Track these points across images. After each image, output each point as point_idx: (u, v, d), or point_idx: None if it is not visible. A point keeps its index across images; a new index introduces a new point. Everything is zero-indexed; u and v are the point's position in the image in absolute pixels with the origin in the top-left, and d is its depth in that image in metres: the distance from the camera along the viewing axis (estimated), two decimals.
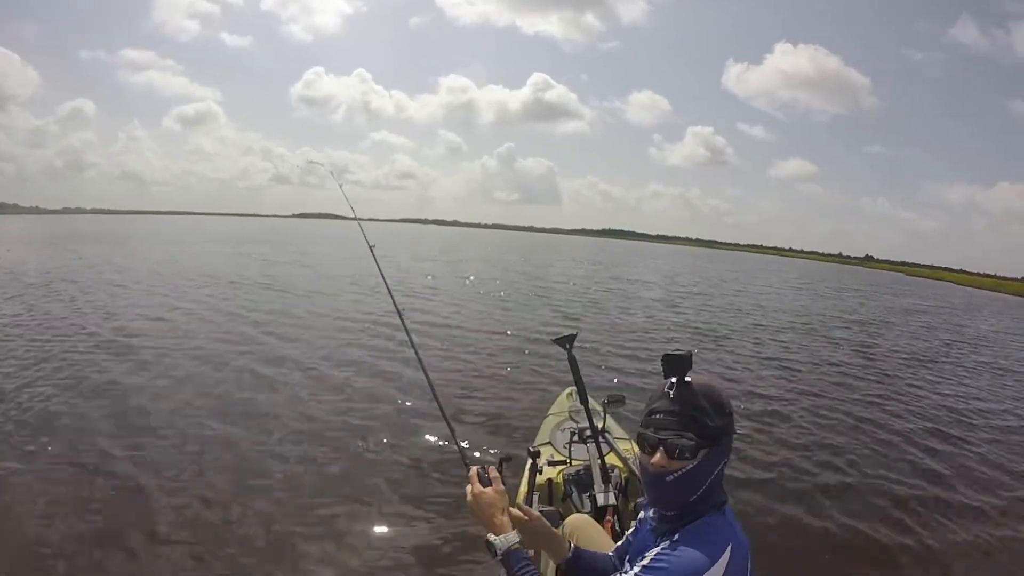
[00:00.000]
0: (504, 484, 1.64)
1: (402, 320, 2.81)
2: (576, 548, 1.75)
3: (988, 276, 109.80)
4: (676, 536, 1.32)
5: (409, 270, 22.83)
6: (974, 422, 7.28)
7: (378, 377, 7.06)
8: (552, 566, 1.91)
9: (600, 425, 3.05)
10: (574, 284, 21.35)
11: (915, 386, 8.96)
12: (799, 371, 9.27)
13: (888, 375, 9.65)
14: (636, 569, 1.30)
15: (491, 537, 1.51)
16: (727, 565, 1.25)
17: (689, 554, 1.26)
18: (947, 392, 8.76)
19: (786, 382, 8.41)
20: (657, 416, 1.37)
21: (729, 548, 1.26)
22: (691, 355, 1.45)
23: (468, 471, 1.67)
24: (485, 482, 1.63)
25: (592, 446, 2.86)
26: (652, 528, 1.47)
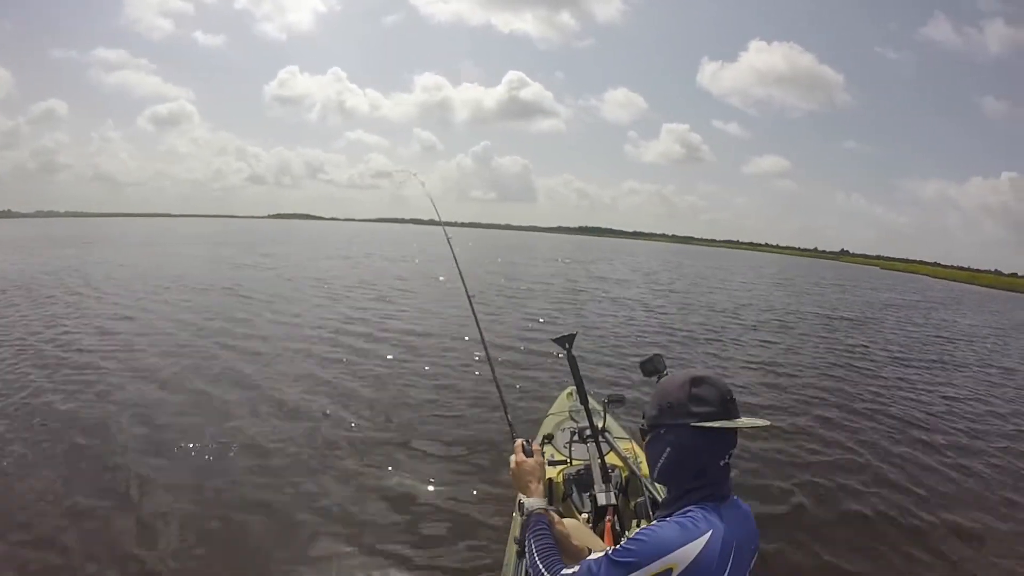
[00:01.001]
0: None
1: (473, 311, 3.43)
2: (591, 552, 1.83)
3: (962, 269, 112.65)
4: (662, 520, 1.45)
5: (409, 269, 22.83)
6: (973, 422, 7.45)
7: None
8: None
9: (600, 425, 3.07)
10: (557, 283, 21.47)
11: (919, 385, 9.15)
12: (791, 373, 9.22)
13: (881, 374, 9.77)
14: (618, 545, 1.41)
15: (522, 498, 1.84)
16: (702, 548, 1.32)
17: (663, 531, 1.37)
18: (946, 390, 9.01)
19: (778, 387, 8.32)
20: None
21: (708, 535, 1.33)
22: (652, 357, 2.07)
23: (514, 442, 2.02)
24: (528, 453, 1.97)
25: (592, 446, 2.88)
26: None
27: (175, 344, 8.60)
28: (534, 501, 1.82)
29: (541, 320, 12.22)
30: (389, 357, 8.26)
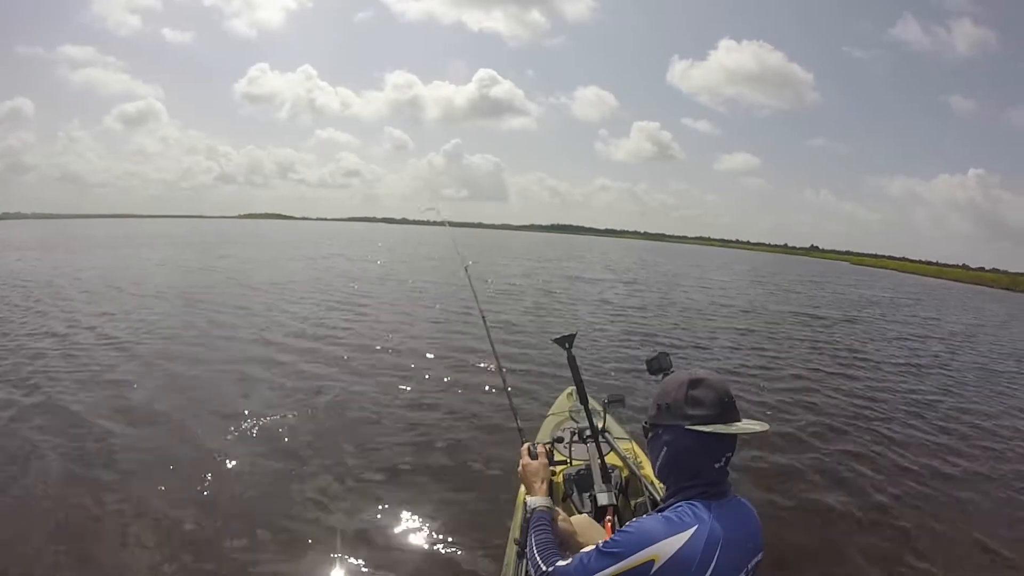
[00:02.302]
0: (550, 459, 2.19)
1: (486, 326, 3.43)
2: None
3: (930, 264, 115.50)
4: (652, 514, 1.51)
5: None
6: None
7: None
8: None
9: (600, 425, 3.13)
10: (532, 284, 21.18)
11: (913, 387, 9.12)
12: (776, 375, 9.09)
13: (873, 374, 9.72)
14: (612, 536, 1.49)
15: (528, 498, 2.00)
16: (684, 543, 1.36)
17: (649, 524, 1.44)
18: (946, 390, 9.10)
19: (764, 389, 8.14)
20: None
21: (692, 530, 1.38)
22: (658, 355, 2.02)
23: (522, 445, 2.20)
24: (533, 456, 2.13)
25: (592, 446, 2.93)
26: None
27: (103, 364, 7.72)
28: (536, 500, 1.96)
29: (530, 324, 12.03)
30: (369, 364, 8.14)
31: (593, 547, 1.49)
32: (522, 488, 2.99)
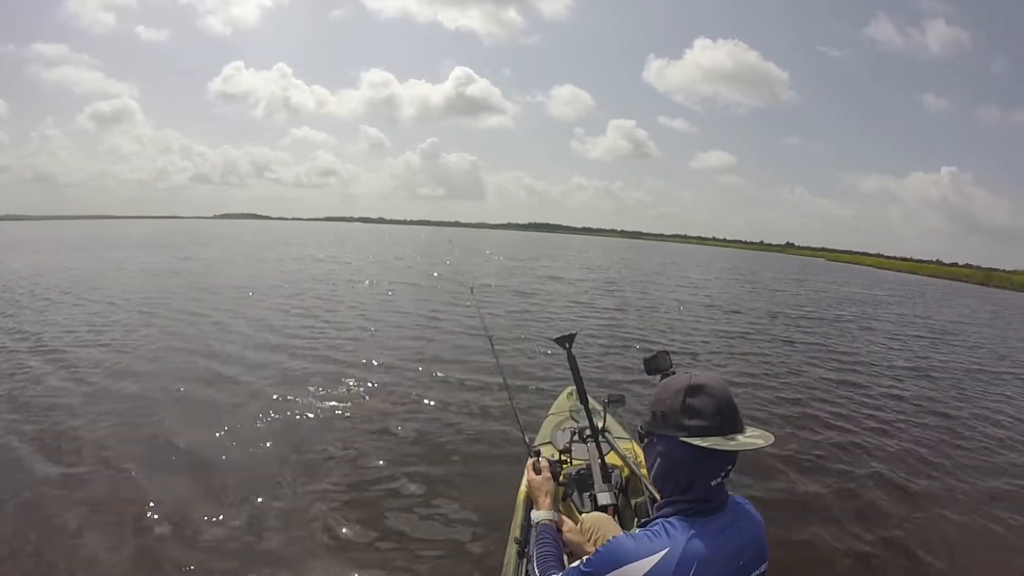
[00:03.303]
0: (559, 470, 2.36)
1: (492, 346, 3.48)
2: None
3: (905, 260, 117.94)
4: (635, 530, 1.49)
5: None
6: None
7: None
8: None
9: (600, 425, 3.18)
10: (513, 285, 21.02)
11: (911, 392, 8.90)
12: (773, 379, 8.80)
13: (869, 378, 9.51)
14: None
15: (532, 512, 2.08)
16: (653, 565, 1.34)
17: (622, 544, 1.41)
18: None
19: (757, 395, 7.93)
20: None
21: (662, 553, 1.34)
22: (657, 355, 1.99)
23: (528, 460, 2.33)
24: (537, 471, 2.23)
25: (592, 446, 2.98)
26: None
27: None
28: (539, 513, 2.04)
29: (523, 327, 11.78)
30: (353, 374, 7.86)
31: (579, 562, 1.50)
32: (522, 488, 3.03)
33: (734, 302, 19.55)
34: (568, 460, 3.18)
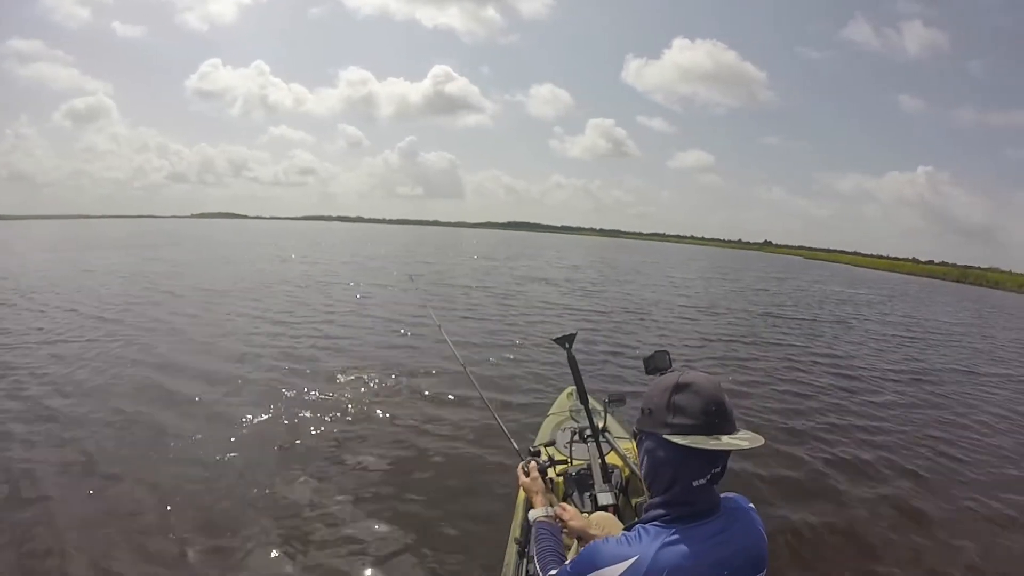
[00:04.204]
0: (547, 467, 2.38)
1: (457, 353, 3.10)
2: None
3: (882, 258, 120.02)
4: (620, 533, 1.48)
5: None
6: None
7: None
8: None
9: (601, 424, 3.20)
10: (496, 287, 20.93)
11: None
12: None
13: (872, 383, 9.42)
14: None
15: (529, 512, 2.11)
16: (621, 573, 1.34)
17: (602, 547, 1.42)
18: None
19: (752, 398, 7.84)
20: None
21: (632, 560, 1.33)
22: (655, 354, 2.06)
23: (518, 467, 2.36)
24: (527, 473, 2.29)
25: (593, 445, 2.97)
26: None
27: None
28: (536, 512, 2.07)
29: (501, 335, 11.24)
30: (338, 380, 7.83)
31: (568, 563, 1.55)
32: (521, 489, 3.02)
33: (717, 302, 19.58)
34: (568, 460, 3.17)
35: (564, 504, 2.18)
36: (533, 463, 2.31)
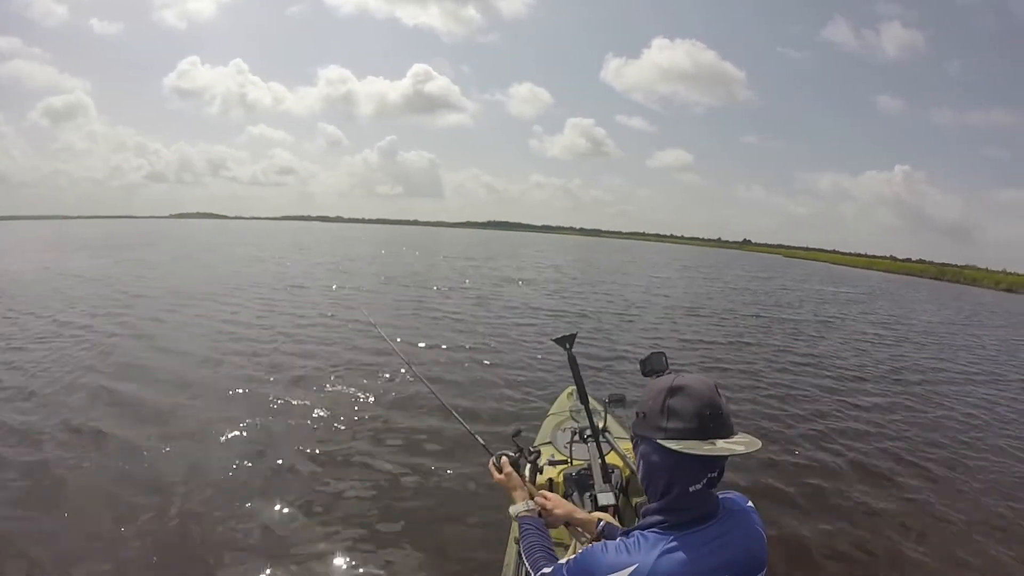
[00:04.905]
0: (519, 458, 2.29)
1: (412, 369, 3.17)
2: (607, 524, 2.01)
3: (860, 256, 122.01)
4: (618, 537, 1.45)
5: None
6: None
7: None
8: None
9: (601, 424, 3.21)
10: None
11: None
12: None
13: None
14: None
15: (510, 508, 2.05)
16: None
17: (599, 554, 1.39)
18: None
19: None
20: None
21: (631, 570, 1.32)
22: (651, 356, 2.02)
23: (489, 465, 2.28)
24: (500, 469, 2.18)
25: (593, 445, 2.96)
26: None
27: None
28: (516, 507, 2.03)
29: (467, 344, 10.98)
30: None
31: (565, 562, 1.51)
32: None
33: (702, 303, 19.68)
34: (568, 460, 3.18)
35: (545, 492, 2.11)
36: (504, 458, 2.24)
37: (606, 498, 2.77)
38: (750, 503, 1.53)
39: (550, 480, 3.09)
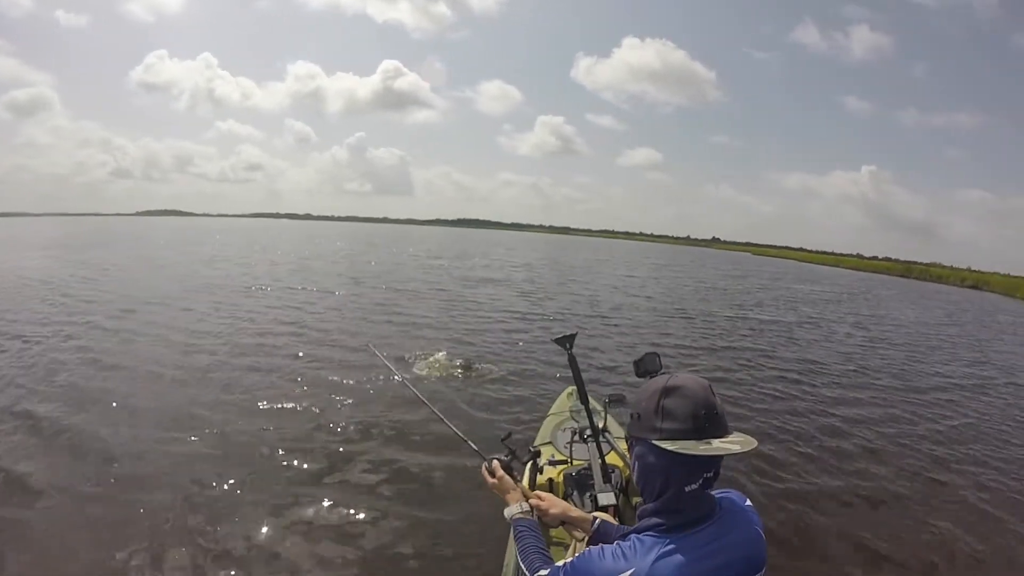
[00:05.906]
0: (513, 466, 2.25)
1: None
2: (603, 522, 2.03)
3: (827, 253, 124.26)
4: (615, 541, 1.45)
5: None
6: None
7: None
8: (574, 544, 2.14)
9: (601, 424, 3.23)
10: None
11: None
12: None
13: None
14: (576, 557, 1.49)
15: (504, 511, 2.04)
16: None
17: (595, 558, 1.40)
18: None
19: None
20: None
21: (627, 575, 1.32)
22: (645, 356, 2.06)
23: (481, 469, 2.26)
24: (492, 473, 2.18)
25: (593, 445, 2.99)
26: None
27: None
28: (510, 509, 2.03)
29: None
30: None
31: (563, 564, 1.51)
32: None
33: (680, 302, 19.66)
34: (568, 460, 3.21)
35: (539, 492, 2.14)
36: (496, 462, 2.25)
37: (606, 498, 2.81)
38: (748, 502, 1.54)
39: (550, 480, 3.12)
